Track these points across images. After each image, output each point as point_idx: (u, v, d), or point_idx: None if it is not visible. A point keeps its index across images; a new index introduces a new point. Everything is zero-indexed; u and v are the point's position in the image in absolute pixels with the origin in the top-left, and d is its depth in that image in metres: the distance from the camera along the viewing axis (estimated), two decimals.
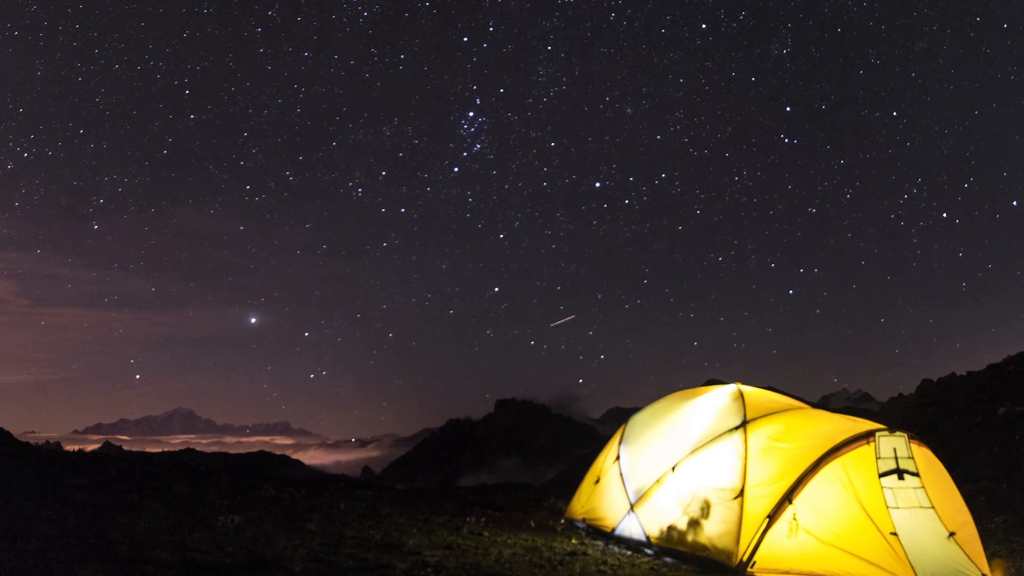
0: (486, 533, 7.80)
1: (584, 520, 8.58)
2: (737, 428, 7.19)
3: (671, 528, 7.10)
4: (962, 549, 6.37)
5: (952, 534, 6.39)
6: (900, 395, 20.18)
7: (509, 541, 7.46)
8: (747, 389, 8.05)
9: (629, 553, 7.32)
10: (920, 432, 7.56)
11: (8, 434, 11.47)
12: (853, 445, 6.50)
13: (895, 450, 6.57)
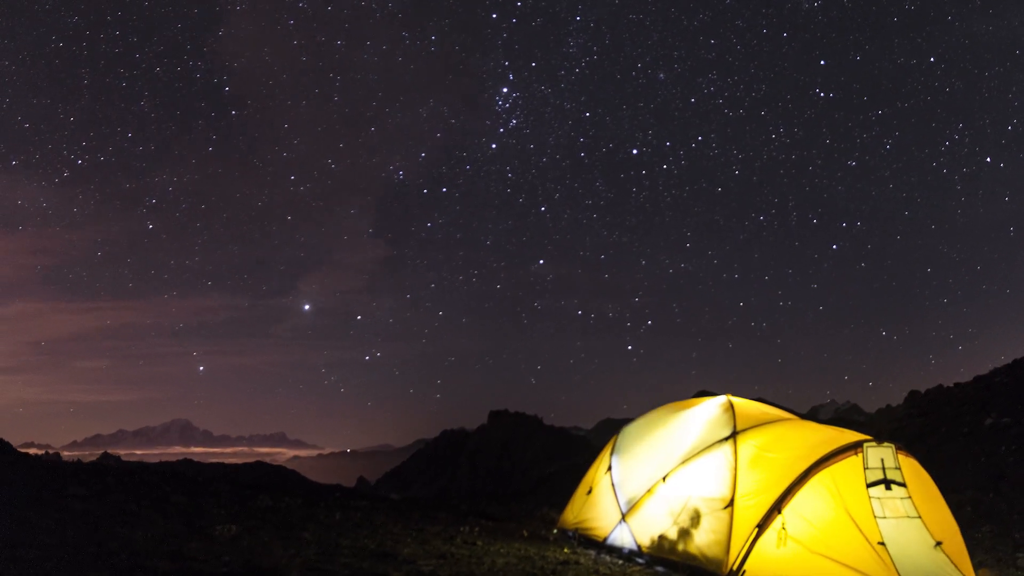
0: (480, 543, 7.87)
1: (576, 530, 8.66)
2: (727, 439, 7.29)
3: (662, 537, 7.18)
4: (949, 558, 6.46)
5: (939, 543, 6.48)
6: (888, 406, 20.32)
7: (502, 550, 7.53)
8: (737, 400, 8.16)
9: (621, 562, 7.40)
10: (908, 443, 7.67)
11: (8, 444, 11.50)
12: (841, 456, 6.59)
13: (882, 460, 6.67)
